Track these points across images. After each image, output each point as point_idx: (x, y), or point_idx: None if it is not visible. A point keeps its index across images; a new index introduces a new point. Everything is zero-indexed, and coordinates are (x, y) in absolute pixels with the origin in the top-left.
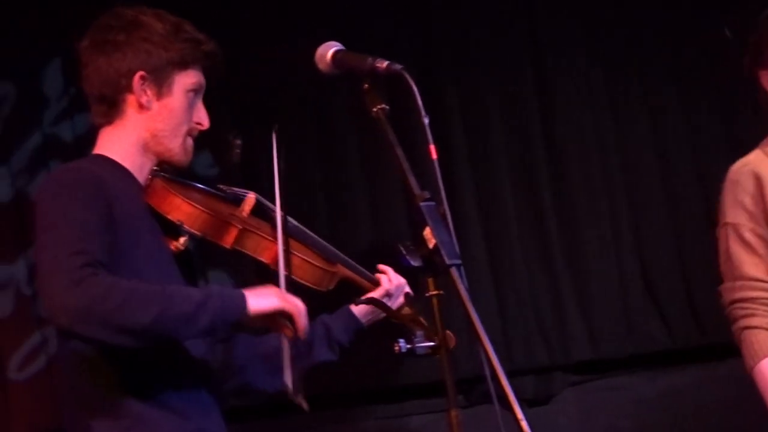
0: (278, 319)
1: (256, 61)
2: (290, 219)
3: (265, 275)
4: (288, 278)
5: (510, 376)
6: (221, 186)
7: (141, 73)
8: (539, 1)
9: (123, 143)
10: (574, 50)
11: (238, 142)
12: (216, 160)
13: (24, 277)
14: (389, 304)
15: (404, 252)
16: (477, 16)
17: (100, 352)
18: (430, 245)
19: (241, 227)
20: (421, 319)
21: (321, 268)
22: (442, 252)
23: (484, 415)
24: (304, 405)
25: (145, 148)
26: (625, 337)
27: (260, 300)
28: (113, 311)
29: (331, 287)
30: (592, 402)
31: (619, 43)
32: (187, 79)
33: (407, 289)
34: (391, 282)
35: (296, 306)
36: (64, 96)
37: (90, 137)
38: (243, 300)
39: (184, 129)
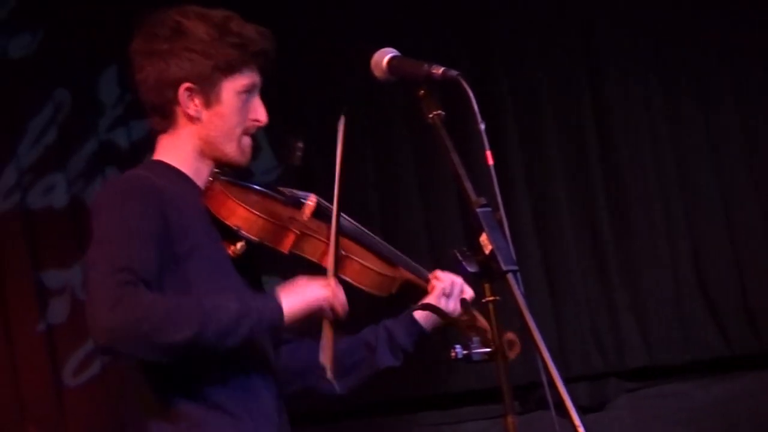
0: (317, 314)
1: (313, 64)
2: (351, 221)
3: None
4: (347, 284)
5: (565, 382)
6: (282, 188)
7: (186, 85)
8: (595, 9)
9: (179, 150)
10: (630, 57)
11: (300, 144)
12: (279, 162)
13: (79, 282)
14: (447, 303)
15: (460, 258)
16: (532, 21)
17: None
18: (487, 251)
19: (299, 232)
20: (479, 324)
21: (382, 273)
22: (499, 258)
23: (539, 422)
24: (337, 388)
25: (202, 154)
26: (680, 344)
27: (294, 304)
28: (152, 331)
29: (392, 292)
30: (646, 409)
31: (676, 50)
32: (236, 83)
33: (466, 293)
34: (441, 280)
35: (329, 295)
36: (120, 103)
37: (146, 144)
38: (279, 310)
39: (238, 131)
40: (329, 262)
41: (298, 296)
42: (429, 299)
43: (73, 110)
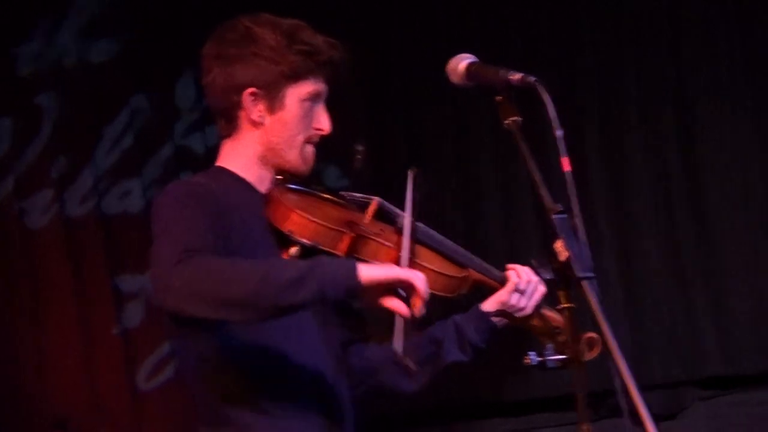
0: (394, 293)
1: (392, 68)
2: (419, 224)
3: None
4: None
5: (640, 389)
6: (343, 193)
7: (251, 89)
8: (683, 12)
9: (242, 156)
10: (715, 62)
11: (361, 148)
12: (343, 169)
13: None
14: (519, 300)
15: (536, 265)
16: (617, 27)
17: (214, 363)
18: (562, 258)
19: (355, 234)
20: (554, 324)
21: (451, 276)
22: (574, 265)
23: (612, 430)
24: (411, 366)
25: (264, 161)
26: (758, 353)
27: (374, 269)
28: (214, 283)
29: (462, 293)
30: (722, 417)
31: (762, 57)
32: (301, 90)
33: (539, 291)
34: (520, 277)
35: (415, 274)
36: (196, 108)
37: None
38: (354, 268)
39: (300, 139)
40: (403, 256)
41: (379, 266)
42: (501, 293)
43: (149, 116)
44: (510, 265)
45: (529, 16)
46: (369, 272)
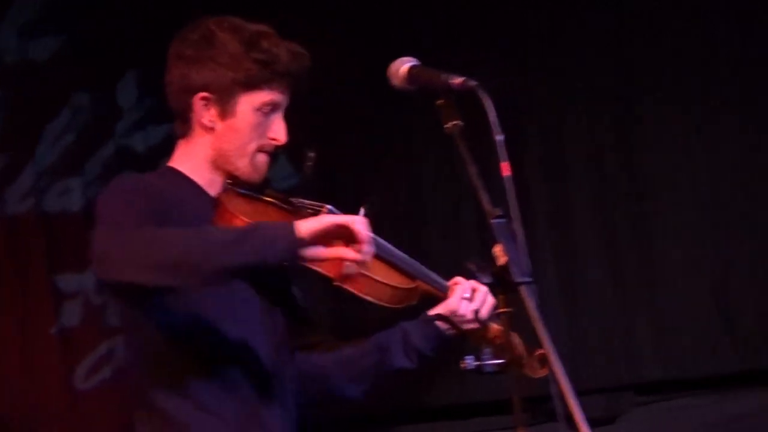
0: (338, 243)
1: (337, 69)
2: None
3: (336, 292)
4: (358, 297)
5: (577, 394)
6: (292, 199)
7: (203, 94)
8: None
9: (193, 159)
10: (657, 67)
11: (312, 155)
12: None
13: (93, 286)
14: (470, 312)
15: (475, 269)
16: (560, 26)
17: (155, 349)
18: (501, 262)
19: None
20: (491, 335)
21: (399, 287)
22: (512, 270)
23: None
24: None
25: (214, 165)
26: (694, 358)
27: (310, 222)
28: (152, 246)
29: (412, 303)
30: (659, 423)
31: (701, 54)
32: (254, 99)
33: (488, 301)
34: (463, 288)
35: (352, 218)
36: (138, 107)
37: (162, 149)
38: (292, 225)
39: (252, 147)
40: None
41: (315, 218)
42: (447, 303)
43: (91, 114)
44: (457, 278)
45: (472, 16)
46: (307, 225)
